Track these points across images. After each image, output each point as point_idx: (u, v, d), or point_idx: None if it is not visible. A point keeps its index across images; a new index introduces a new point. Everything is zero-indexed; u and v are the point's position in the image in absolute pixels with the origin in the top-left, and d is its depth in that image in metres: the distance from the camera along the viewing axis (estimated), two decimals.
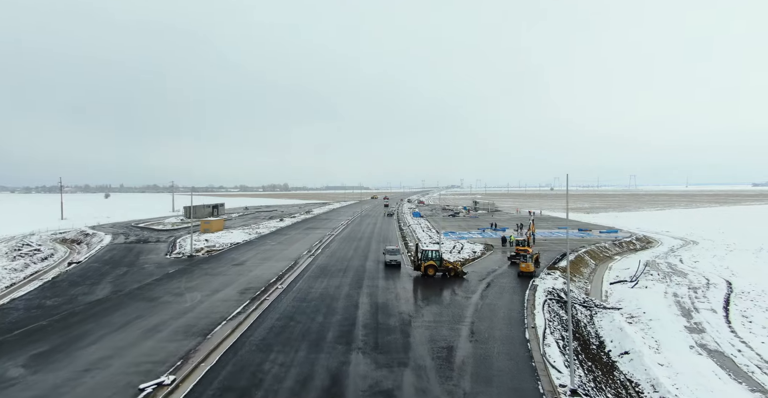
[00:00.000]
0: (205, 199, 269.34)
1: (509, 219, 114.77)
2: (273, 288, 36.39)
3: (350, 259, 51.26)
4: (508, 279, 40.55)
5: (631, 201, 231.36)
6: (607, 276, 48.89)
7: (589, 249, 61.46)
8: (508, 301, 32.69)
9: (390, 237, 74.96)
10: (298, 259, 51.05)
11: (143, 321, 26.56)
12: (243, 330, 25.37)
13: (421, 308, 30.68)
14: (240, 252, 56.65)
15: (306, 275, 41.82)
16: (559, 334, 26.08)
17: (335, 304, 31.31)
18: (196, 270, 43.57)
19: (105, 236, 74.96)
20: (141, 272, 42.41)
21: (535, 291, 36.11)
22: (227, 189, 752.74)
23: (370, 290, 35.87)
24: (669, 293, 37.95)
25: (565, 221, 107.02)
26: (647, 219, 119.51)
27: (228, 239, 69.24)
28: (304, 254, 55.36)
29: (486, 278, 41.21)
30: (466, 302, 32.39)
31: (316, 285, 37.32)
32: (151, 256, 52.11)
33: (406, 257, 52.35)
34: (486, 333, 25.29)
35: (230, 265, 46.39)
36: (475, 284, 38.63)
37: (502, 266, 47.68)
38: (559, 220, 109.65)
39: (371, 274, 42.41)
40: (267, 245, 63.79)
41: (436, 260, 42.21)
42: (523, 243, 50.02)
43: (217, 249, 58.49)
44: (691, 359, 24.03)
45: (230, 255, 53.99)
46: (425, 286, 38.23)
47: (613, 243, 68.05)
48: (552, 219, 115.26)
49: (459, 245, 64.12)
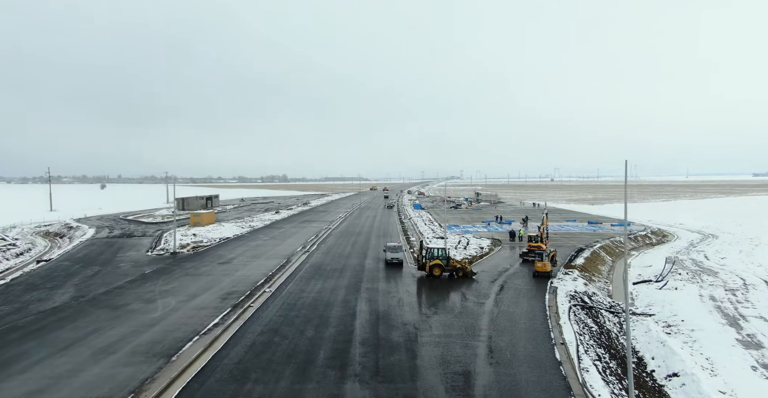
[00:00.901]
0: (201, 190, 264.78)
1: (513, 211, 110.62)
2: (260, 292, 32.21)
3: (348, 257, 47.09)
4: (523, 281, 36.39)
5: (634, 192, 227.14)
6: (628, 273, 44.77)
7: (604, 244, 57.33)
8: (528, 308, 28.54)
9: (390, 231, 70.77)
10: (291, 257, 46.85)
11: (98, 337, 22.30)
12: (217, 348, 21.20)
13: (429, 317, 26.53)
14: (229, 248, 52.41)
15: (298, 276, 37.64)
16: (594, 352, 21.94)
17: (329, 313, 27.15)
18: (177, 269, 39.32)
19: (88, 229, 70.76)
20: (114, 272, 38.13)
21: (556, 295, 31.97)
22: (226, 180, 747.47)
23: (370, 294, 31.72)
24: (705, 296, 33.83)
25: (573, 213, 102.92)
26: (655, 211, 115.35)
27: (218, 233, 65.02)
28: (298, 250, 51.16)
29: (498, 279, 37.05)
30: (480, 309, 28.25)
31: (309, 289, 33.14)
32: (131, 253, 47.85)
33: (408, 254, 48.14)
34: (508, 352, 21.14)
35: (216, 264, 42.16)
36: (486, 286, 34.48)
37: (514, 264, 43.54)
38: (567, 213, 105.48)
39: (371, 275, 38.24)
40: (259, 240, 59.56)
41: (442, 259, 38.03)
42: (537, 239, 45.80)
43: (204, 244, 54.25)
44: (758, 384, 19.93)
45: (218, 251, 49.75)
46: (431, 289, 34.09)
47: (627, 237, 63.90)
48: (558, 211, 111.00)
49: (464, 240, 59.99)
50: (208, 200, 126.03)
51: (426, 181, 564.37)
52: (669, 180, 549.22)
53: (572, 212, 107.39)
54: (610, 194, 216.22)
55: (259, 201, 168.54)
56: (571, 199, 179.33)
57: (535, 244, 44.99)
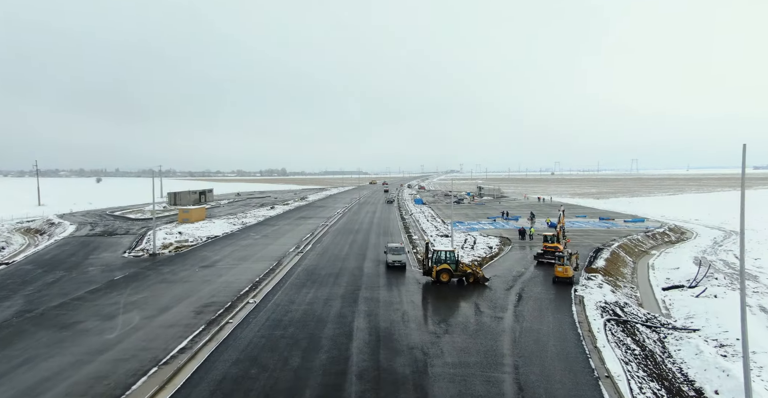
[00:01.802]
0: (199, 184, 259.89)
1: (519, 206, 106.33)
2: (243, 303, 27.94)
3: (345, 259, 42.82)
4: (542, 288, 32.14)
5: (637, 186, 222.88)
6: (653, 277, 40.59)
7: (622, 242, 53.11)
8: (555, 325, 24.30)
9: (391, 228, 66.47)
10: (282, 259, 42.56)
11: (27, 371, 17.87)
12: (177, 385, 16.93)
13: (439, 338, 22.28)
14: (215, 248, 48.08)
15: (288, 282, 33.35)
16: (648, 388, 17.70)
17: (321, 332, 22.89)
18: (152, 275, 34.99)
19: (69, 226, 66.41)
20: (78, 279, 33.74)
21: (584, 306, 27.73)
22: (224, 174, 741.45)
23: (369, 306, 27.47)
24: (753, 306, 29.63)
25: (582, 208, 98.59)
26: (665, 205, 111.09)
27: (207, 231, 60.68)
28: (291, 251, 46.87)
29: (514, 286, 32.81)
30: (498, 326, 24.01)
31: (300, 299, 28.87)
32: (106, 254, 43.49)
33: (412, 256, 43.87)
34: (542, 391, 16.90)
35: (197, 268, 37.84)
36: (502, 295, 30.24)
37: (528, 267, 39.30)
38: (575, 208, 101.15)
39: (370, 281, 33.96)
40: (249, 239, 55.22)
41: (451, 263, 33.74)
42: (553, 239, 41.53)
43: (189, 244, 49.89)
44: None
45: (202, 252, 45.42)
46: (439, 299, 29.86)
47: (645, 234, 59.65)
48: (567, 206, 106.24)
49: (470, 239, 55.72)
50: (202, 195, 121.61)
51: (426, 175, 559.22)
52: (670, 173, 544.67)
53: (580, 207, 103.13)
54: (613, 188, 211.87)
55: (255, 195, 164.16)
56: (576, 193, 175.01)
57: (551, 245, 40.75)
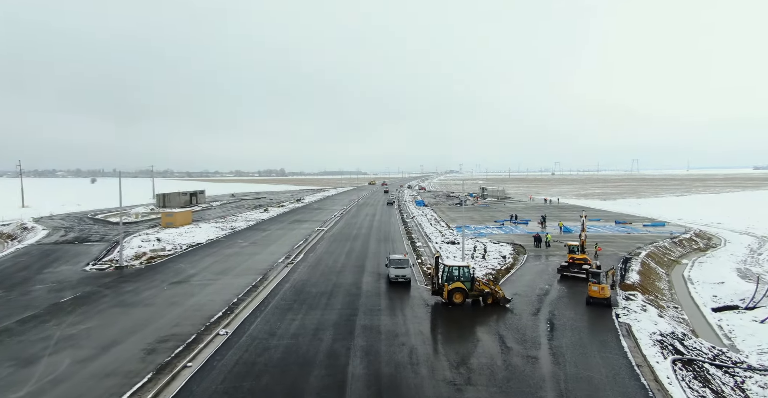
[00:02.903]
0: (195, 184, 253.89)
1: (525, 208, 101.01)
2: (211, 335, 22.55)
3: (340, 272, 37.42)
4: (575, 311, 26.80)
5: (642, 187, 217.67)
6: (695, 294, 35.24)
7: (649, 251, 47.80)
8: (608, 369, 18.93)
9: (392, 234, 61.08)
10: (269, 272, 37.14)
11: None
12: None
13: (461, 391, 16.93)
14: (194, 259, 42.62)
15: (272, 304, 27.95)
16: None
17: (305, 383, 17.50)
18: (109, 295, 29.51)
19: (41, 231, 60.96)
20: (16, 301, 27.98)
21: (635, 338, 22.39)
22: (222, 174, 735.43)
23: (368, 340, 22.09)
24: None
25: (593, 211, 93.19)
26: (677, 207, 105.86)
27: (190, 237, 55.23)
28: (280, 262, 41.48)
29: (540, 308, 27.48)
30: (534, 371, 18.67)
31: (282, 329, 23.49)
32: (64, 268, 37.94)
33: (417, 269, 38.49)
34: None
35: (167, 284, 32.37)
36: (529, 321, 24.90)
37: (552, 283, 33.97)
38: (585, 210, 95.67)
39: (369, 302, 28.58)
40: (235, 247, 49.79)
41: (465, 281, 28.38)
42: (579, 249, 36.19)
43: (165, 254, 44.39)
44: None
45: (178, 264, 39.92)
46: (454, 327, 24.53)
47: (672, 241, 54.33)
48: (574, 208, 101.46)
49: (480, 246, 50.44)
50: (193, 196, 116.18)
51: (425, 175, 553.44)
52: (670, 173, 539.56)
53: (590, 209, 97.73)
54: (617, 188, 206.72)
55: (250, 196, 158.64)
56: (580, 194, 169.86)
57: (579, 257, 35.39)
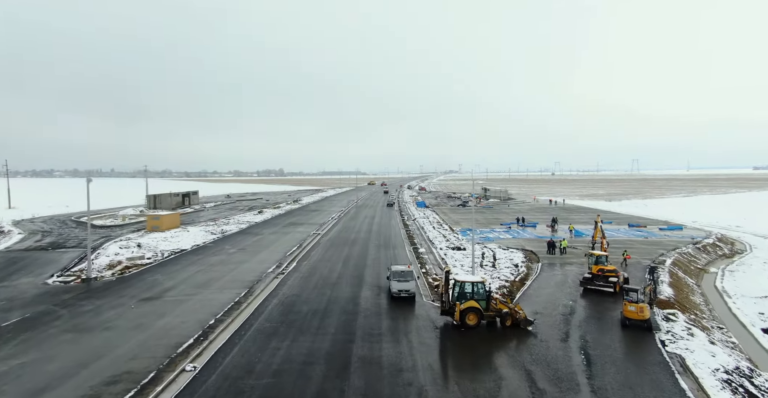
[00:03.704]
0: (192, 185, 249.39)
1: (530, 209, 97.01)
2: (175, 371, 18.51)
3: (336, 284, 33.39)
4: (611, 336, 22.79)
5: (645, 187, 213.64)
6: (737, 310, 31.22)
7: (674, 258, 43.82)
8: None
9: (393, 238, 57.04)
10: (256, 284, 33.09)
11: None
12: None
13: None
14: (175, 268, 38.50)
15: (254, 327, 23.91)
16: None
17: None
18: (64, 315, 25.37)
19: (16, 235, 57.00)
20: None
21: (695, 377, 18.39)
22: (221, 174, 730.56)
23: (367, 378, 18.09)
24: None
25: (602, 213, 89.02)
26: (684, 208, 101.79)
27: (175, 243, 51.18)
28: (270, 272, 37.45)
29: (569, 331, 23.48)
30: None
31: (262, 364, 19.43)
32: (24, 280, 33.70)
33: (422, 282, 34.43)
34: None
35: (136, 301, 28.26)
36: (559, 351, 20.90)
37: (575, 297, 30.02)
38: (593, 212, 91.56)
39: (369, 324, 24.55)
40: (222, 253, 45.73)
41: (480, 299, 24.38)
42: (602, 259, 32.08)
43: (143, 263, 40.27)
44: None
45: (155, 275, 35.80)
46: (469, 358, 20.48)
47: (696, 247, 50.35)
48: (582, 209, 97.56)
49: (489, 252, 46.45)
50: (185, 197, 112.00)
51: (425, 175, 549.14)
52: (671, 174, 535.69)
53: (597, 211, 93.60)
54: (620, 189, 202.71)
55: (246, 197, 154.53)
56: (583, 195, 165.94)
57: (608, 268, 31.35)
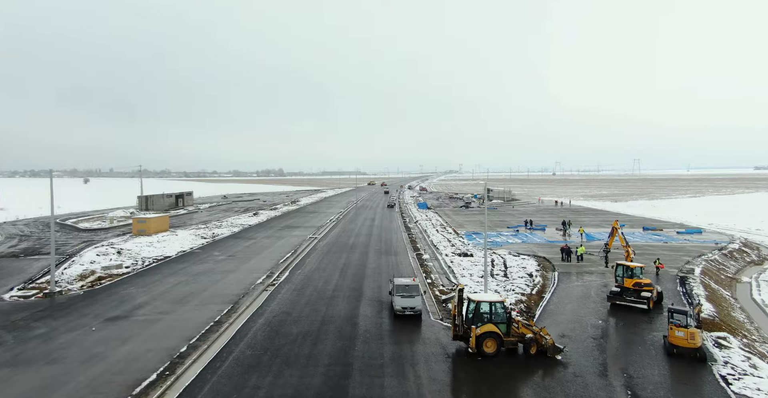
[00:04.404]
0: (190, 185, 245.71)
1: (536, 211, 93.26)
2: None
3: (332, 298, 29.68)
4: (658, 369, 19.07)
5: (649, 187, 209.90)
6: None
7: (702, 266, 40.08)
8: None
9: (395, 243, 53.32)
10: (241, 299, 29.38)
11: None
12: None
13: None
14: (153, 279, 34.74)
15: (232, 356, 20.17)
16: None
17: None
18: (8, 342, 21.21)
19: None
20: None
21: None
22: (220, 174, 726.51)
23: None
24: None
25: (612, 215, 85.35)
26: (694, 209, 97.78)
27: (160, 248, 47.49)
28: (259, 282, 33.77)
29: (606, 362, 19.77)
30: None
31: None
32: None
33: (429, 297, 30.69)
34: None
35: (100, 321, 24.52)
36: (600, 391, 17.19)
37: (603, 314, 26.34)
38: (603, 213, 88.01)
39: (368, 352, 20.83)
40: (209, 261, 42.01)
41: (500, 322, 20.70)
42: (640, 272, 28.18)
43: (119, 273, 36.49)
44: None
45: (130, 287, 32.03)
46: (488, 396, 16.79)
47: (721, 253, 46.63)
48: (590, 211, 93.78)
49: (498, 259, 42.89)
50: (179, 198, 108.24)
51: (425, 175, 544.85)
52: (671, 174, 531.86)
53: (606, 212, 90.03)
54: (624, 189, 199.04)
55: (243, 198, 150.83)
56: (588, 196, 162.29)
57: (644, 282, 27.60)
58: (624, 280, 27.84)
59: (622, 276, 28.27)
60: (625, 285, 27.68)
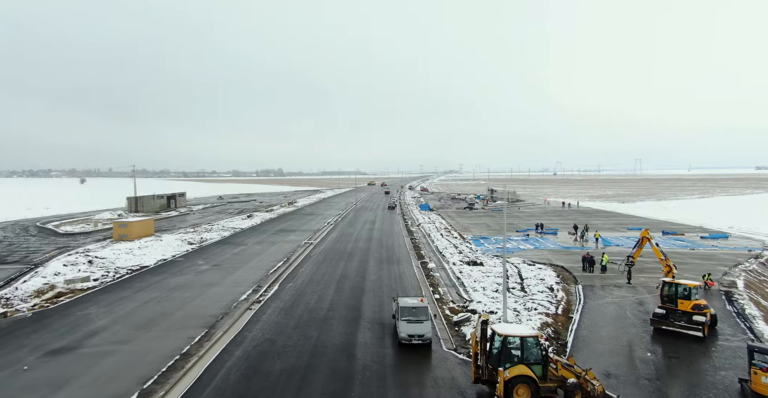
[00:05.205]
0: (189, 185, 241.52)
1: (544, 213, 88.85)
2: None
3: (325, 320, 25.35)
4: None
5: (653, 187, 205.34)
6: None
7: (745, 279, 35.69)
8: None
9: (396, 250, 48.95)
10: (218, 322, 25.04)
11: None
12: None
13: None
14: (120, 296, 30.31)
15: None
16: None
17: None
18: None
19: None
20: None
21: None
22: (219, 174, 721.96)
23: None
24: None
25: (625, 217, 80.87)
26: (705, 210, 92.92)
27: (139, 256, 43.11)
28: (243, 299, 29.45)
29: None
30: None
31: None
32: None
33: (440, 321, 26.27)
34: None
35: (37, 356, 20.11)
36: None
37: (646, 341, 22.03)
38: (616, 216, 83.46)
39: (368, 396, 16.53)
40: (190, 272, 37.65)
41: (534, 364, 16.34)
42: (694, 293, 23.52)
43: (85, 287, 32.08)
44: None
45: (89, 307, 27.51)
46: None
47: (759, 262, 42.25)
48: (601, 213, 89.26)
49: (512, 269, 38.51)
50: (171, 199, 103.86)
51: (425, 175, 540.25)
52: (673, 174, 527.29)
53: (617, 214, 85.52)
54: (628, 189, 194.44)
55: (240, 199, 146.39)
56: (593, 196, 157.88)
57: (702, 304, 23.19)
58: (678, 302, 23.34)
59: (675, 297, 23.69)
60: (680, 308, 23.15)
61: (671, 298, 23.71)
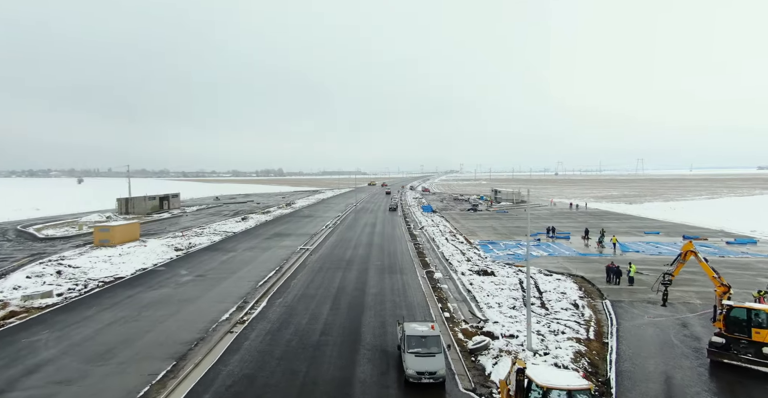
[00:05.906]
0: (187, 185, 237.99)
1: (551, 215, 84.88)
2: None
3: (317, 346, 21.45)
4: None
5: (658, 188, 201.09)
6: None
7: None
8: None
9: (399, 257, 44.99)
10: (192, 350, 21.15)
11: None
12: None
13: None
14: (83, 316, 26.30)
15: None
16: None
17: None
18: None
19: None
20: None
21: None
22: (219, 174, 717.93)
23: None
24: None
25: (637, 220, 76.77)
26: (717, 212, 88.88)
27: (116, 266, 39.17)
28: (225, 319, 25.54)
29: None
30: None
31: None
32: None
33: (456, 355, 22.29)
34: None
35: None
36: None
37: (705, 377, 18.13)
38: (628, 218, 79.38)
39: None
40: (170, 284, 33.69)
41: None
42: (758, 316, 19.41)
43: (44, 304, 28.12)
44: None
45: (39, 333, 23.39)
46: None
47: None
48: (612, 215, 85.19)
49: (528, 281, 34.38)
50: (164, 200, 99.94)
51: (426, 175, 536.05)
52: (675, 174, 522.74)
53: (629, 216, 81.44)
54: (633, 190, 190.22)
55: (237, 199, 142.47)
56: (599, 197, 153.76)
57: None
58: (752, 332, 19.21)
59: (747, 324, 19.55)
60: (756, 339, 19.01)
61: (739, 326, 19.53)
